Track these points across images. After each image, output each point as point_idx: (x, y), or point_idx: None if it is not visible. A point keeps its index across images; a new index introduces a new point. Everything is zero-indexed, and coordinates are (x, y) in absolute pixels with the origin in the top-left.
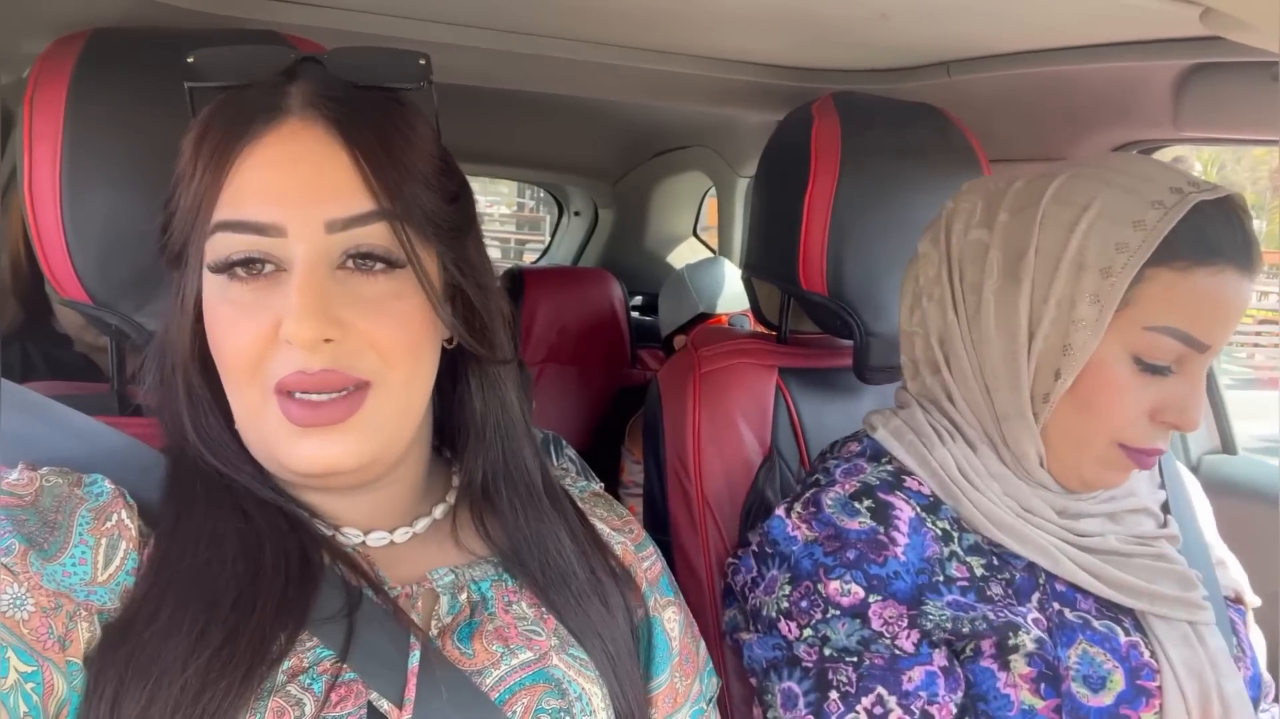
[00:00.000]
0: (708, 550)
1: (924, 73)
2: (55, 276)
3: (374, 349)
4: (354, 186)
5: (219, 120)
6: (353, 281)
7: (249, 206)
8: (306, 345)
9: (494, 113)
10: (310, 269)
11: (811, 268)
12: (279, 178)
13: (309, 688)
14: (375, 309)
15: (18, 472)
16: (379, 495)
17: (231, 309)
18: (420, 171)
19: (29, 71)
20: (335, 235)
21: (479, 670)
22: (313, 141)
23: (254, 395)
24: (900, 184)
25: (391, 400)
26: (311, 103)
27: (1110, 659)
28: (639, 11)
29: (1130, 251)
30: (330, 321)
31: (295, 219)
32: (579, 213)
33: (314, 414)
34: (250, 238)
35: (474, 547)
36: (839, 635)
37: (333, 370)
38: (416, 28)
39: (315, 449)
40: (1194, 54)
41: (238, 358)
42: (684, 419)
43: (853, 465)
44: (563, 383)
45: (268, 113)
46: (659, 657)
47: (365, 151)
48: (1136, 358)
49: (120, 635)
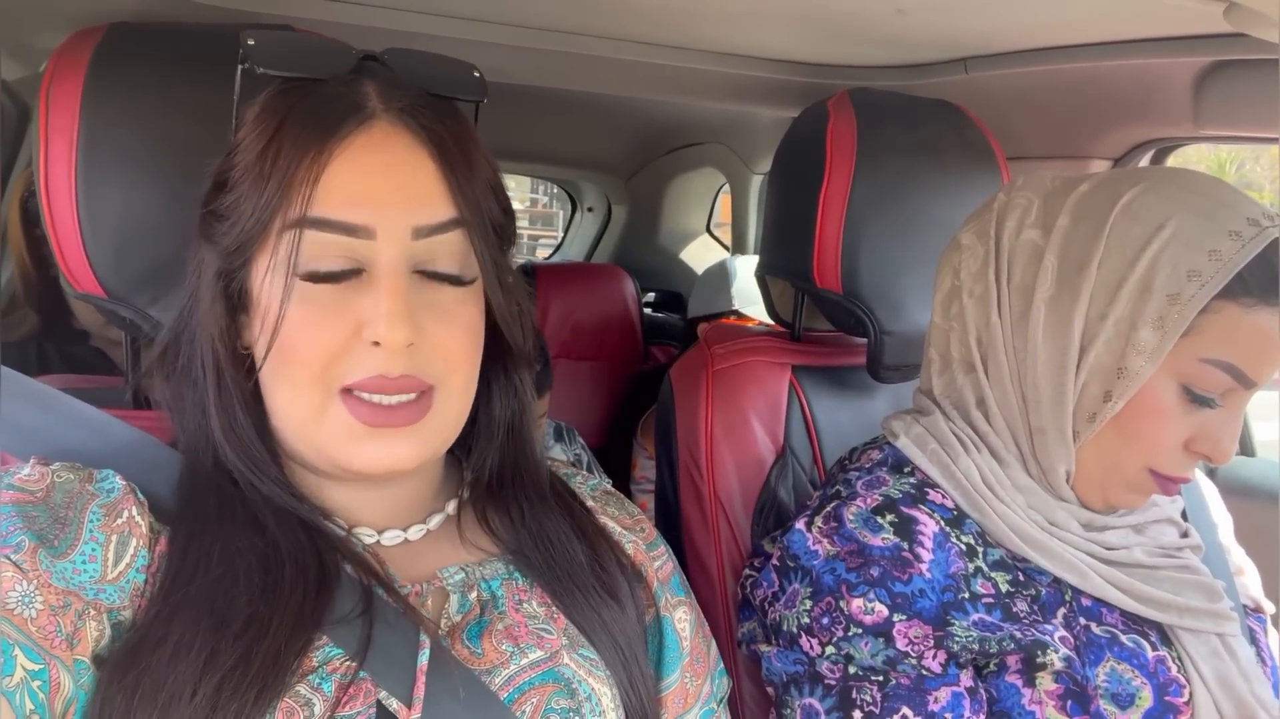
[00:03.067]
0: (719, 548)
1: (941, 69)
2: (70, 271)
3: (443, 355)
4: (441, 195)
5: (300, 111)
6: (426, 288)
7: (339, 207)
8: (397, 349)
9: (508, 108)
10: (397, 274)
11: (826, 265)
12: (372, 181)
13: (318, 688)
14: (446, 317)
15: (30, 467)
16: (399, 491)
17: (313, 309)
18: (488, 181)
19: (45, 66)
20: (419, 242)
21: (488, 670)
22: (403, 148)
23: (315, 395)
24: (917, 181)
25: (452, 404)
26: (394, 107)
27: (1138, 675)
28: (654, 7)
29: (1203, 281)
30: (414, 327)
31: (386, 223)
32: (592, 209)
33: (387, 416)
34: (338, 237)
35: (483, 544)
36: (863, 654)
37: (411, 376)
38: (432, 23)
39: (380, 451)
40: (1215, 51)
41: (313, 357)
42: (697, 416)
43: (874, 477)
44: (575, 379)
45: (356, 113)
46: (669, 657)
47: (450, 160)
48: (1186, 388)
49: (128, 659)
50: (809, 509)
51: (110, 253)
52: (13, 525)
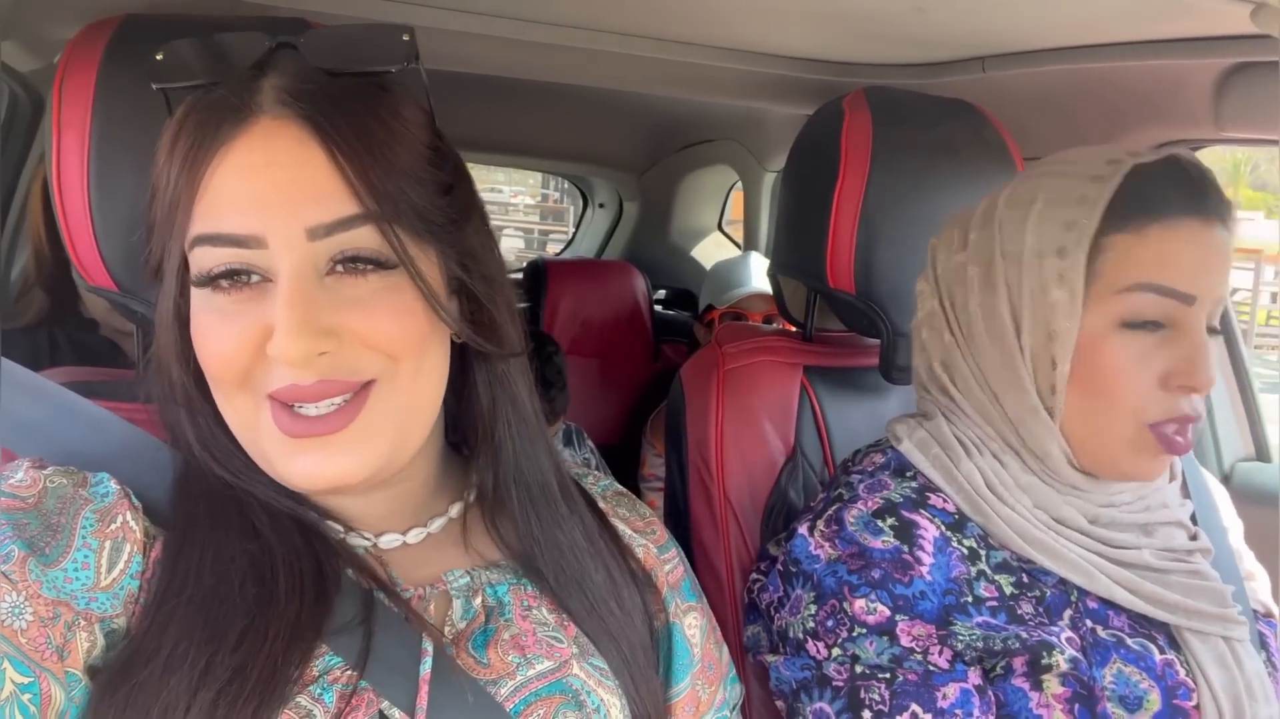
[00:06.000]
0: (729, 549)
1: (959, 68)
2: (82, 264)
3: (373, 349)
4: (335, 189)
5: (189, 124)
6: (343, 285)
7: (225, 217)
8: (296, 364)
9: (521, 103)
10: (296, 281)
11: (839, 265)
12: (254, 185)
13: (319, 698)
14: (369, 309)
15: (22, 471)
16: (392, 493)
17: (215, 317)
18: (407, 166)
19: (59, 57)
20: (319, 242)
21: (494, 680)
22: (287, 143)
23: (245, 402)
24: (932, 181)
25: (398, 395)
26: (283, 100)
27: (1146, 678)
28: (669, 4)
29: (1079, 228)
30: (321, 334)
31: (275, 229)
32: (603, 205)
33: (307, 426)
34: (230, 250)
35: (487, 550)
36: (869, 653)
37: (329, 380)
38: (445, 16)
39: (313, 465)
40: (1239, 52)
41: (224, 368)
42: (707, 416)
43: (876, 480)
44: (585, 375)
45: (237, 113)
46: (679, 664)
47: (344, 150)
48: (1122, 323)
49: (120, 674)
50: (811, 512)
51: (121, 246)
52: (2, 534)
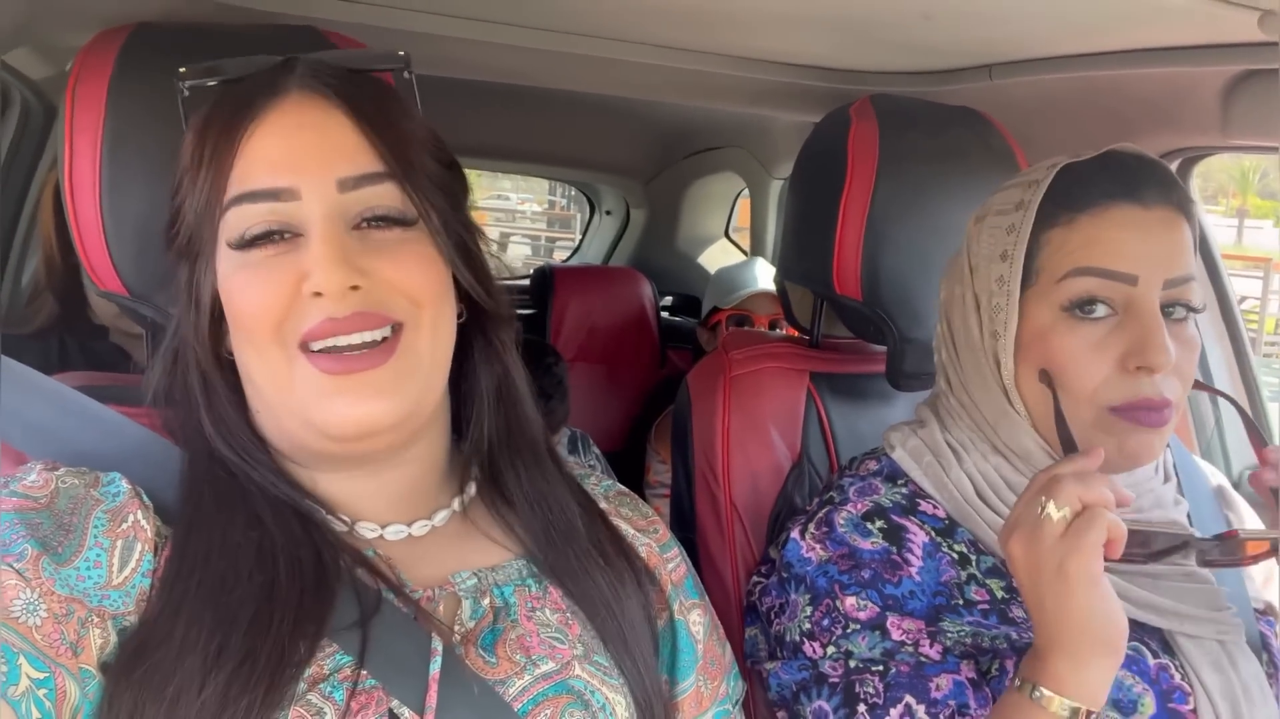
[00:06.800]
0: (734, 555)
1: (965, 75)
2: (93, 268)
3: (400, 292)
4: (361, 148)
5: (220, 109)
6: (369, 237)
7: (261, 176)
8: (335, 293)
9: (528, 110)
10: (328, 224)
11: (846, 272)
12: (287, 144)
13: (330, 696)
14: (395, 256)
15: (35, 473)
16: (397, 477)
17: (249, 272)
18: (419, 138)
19: (70, 65)
20: (348, 194)
21: (502, 680)
22: (315, 109)
23: (278, 356)
24: (939, 188)
25: (422, 342)
26: (309, 81)
27: (1139, 682)
28: (676, 11)
29: (1017, 231)
30: (355, 270)
31: (308, 181)
32: (610, 212)
33: (351, 361)
34: (266, 205)
35: (492, 547)
36: (861, 648)
37: (363, 313)
38: (451, 24)
39: (350, 406)
40: (1245, 60)
41: (260, 317)
42: (713, 423)
43: (866, 484)
44: (592, 382)
45: (269, 89)
46: (684, 661)
47: (367, 116)
48: (1064, 309)
49: (135, 656)
50: (805, 515)
51: (132, 251)
52: (16, 533)
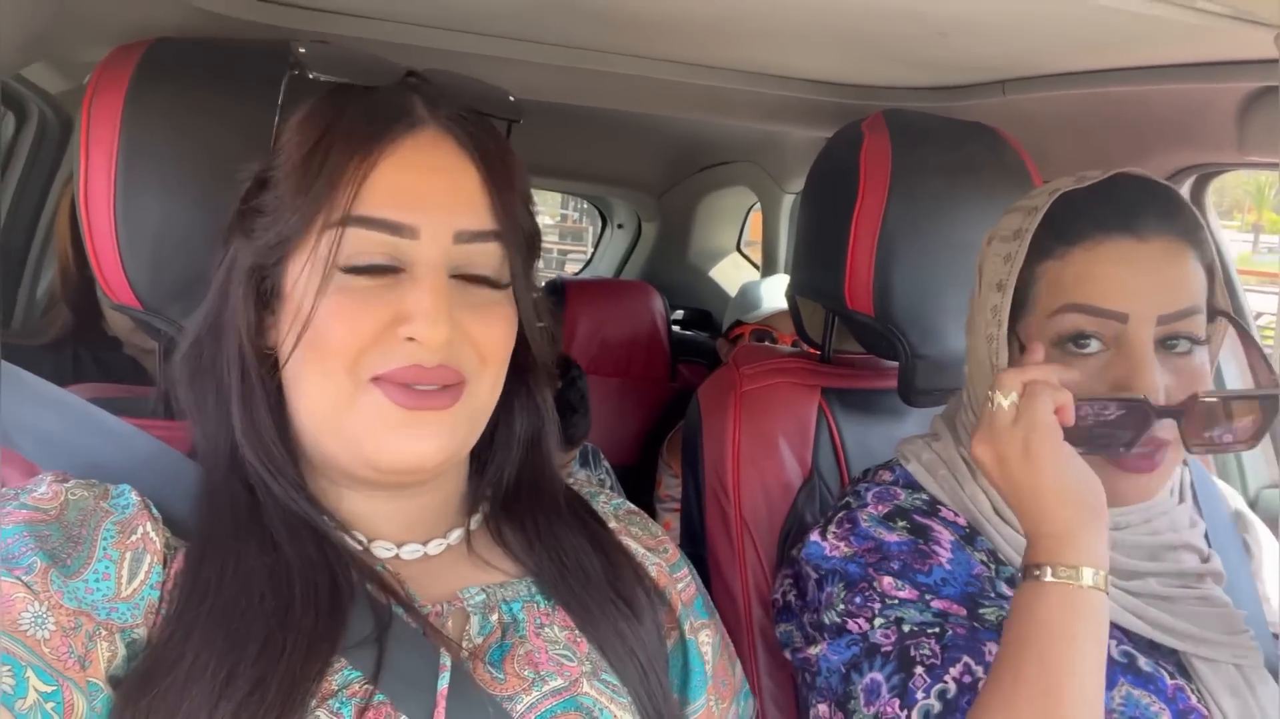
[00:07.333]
0: (744, 571)
1: (978, 91)
2: (107, 282)
3: (477, 349)
4: (482, 203)
5: (349, 115)
6: (465, 291)
7: (386, 206)
8: (434, 346)
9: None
10: (439, 273)
11: (858, 287)
12: (416, 183)
13: (338, 712)
14: (482, 314)
15: (45, 485)
16: (419, 503)
17: (347, 298)
18: (523, 196)
19: (88, 79)
20: (461, 246)
21: (510, 696)
22: (449, 155)
23: (346, 384)
24: (952, 203)
25: (479, 399)
26: (441, 116)
27: (1157, 701)
28: (689, 27)
29: (1012, 260)
30: (452, 323)
31: (430, 225)
32: (622, 225)
33: (424, 399)
34: (382, 236)
35: (499, 563)
36: (912, 614)
37: (446, 366)
38: (469, 40)
39: (411, 440)
40: (1262, 76)
41: (345, 345)
42: (724, 438)
43: (886, 490)
44: (602, 395)
45: (405, 118)
46: (695, 681)
47: (493, 172)
48: (1054, 344)
49: (142, 683)
50: (823, 519)
51: (147, 265)
52: (24, 546)
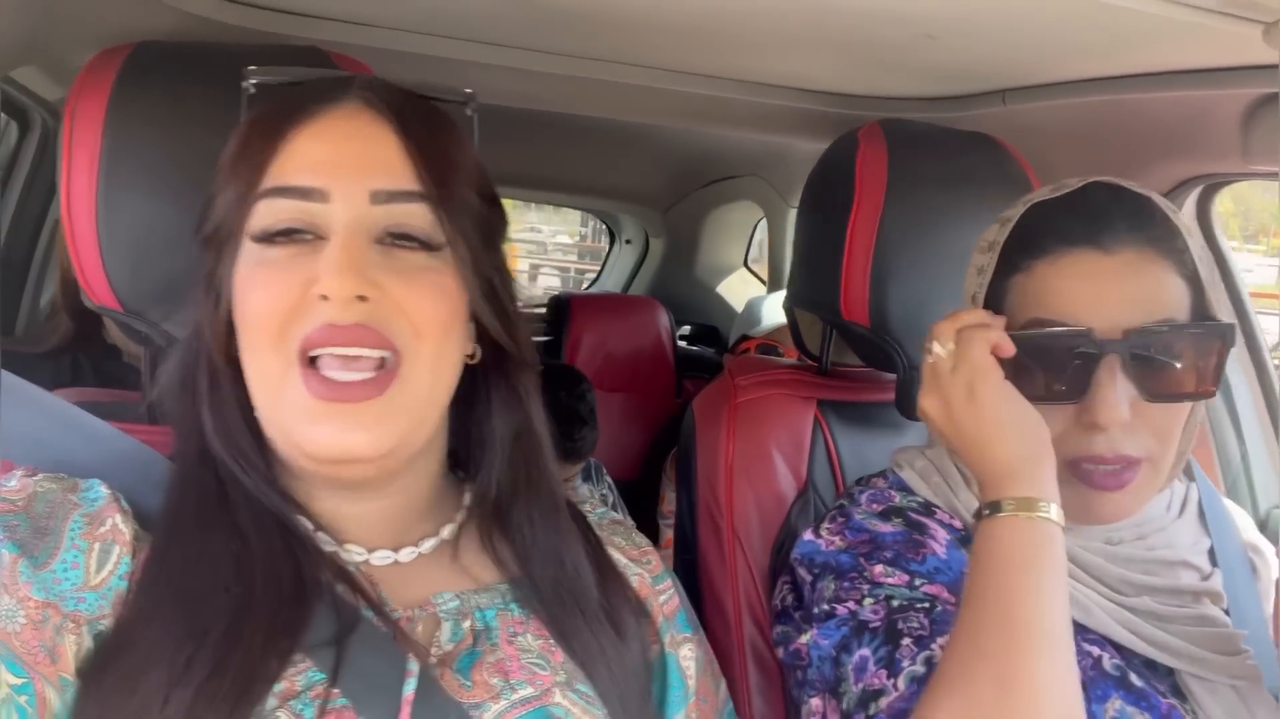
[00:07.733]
0: (735, 584)
1: (979, 100)
2: (88, 281)
3: (406, 317)
4: (401, 166)
5: (273, 109)
6: (393, 255)
7: (296, 174)
8: (341, 298)
9: (546, 138)
10: (351, 233)
11: (853, 298)
12: (328, 149)
13: (300, 714)
14: (410, 280)
15: (16, 479)
16: (386, 504)
17: (265, 270)
18: (464, 168)
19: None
20: (378, 207)
21: (477, 704)
22: (365, 121)
23: (276, 363)
24: (951, 214)
25: (417, 384)
26: (365, 94)
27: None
28: (688, 35)
29: (984, 272)
30: (366, 281)
31: (340, 186)
32: (630, 241)
33: (337, 391)
34: (294, 202)
35: (481, 572)
36: (902, 591)
37: (365, 326)
38: (460, 47)
39: (334, 434)
40: (1263, 83)
41: (266, 317)
42: (717, 449)
43: (880, 493)
44: (606, 410)
45: (325, 94)
46: (674, 696)
47: (414, 137)
48: None
49: (104, 665)
50: (816, 520)
51: (127, 266)
52: None
